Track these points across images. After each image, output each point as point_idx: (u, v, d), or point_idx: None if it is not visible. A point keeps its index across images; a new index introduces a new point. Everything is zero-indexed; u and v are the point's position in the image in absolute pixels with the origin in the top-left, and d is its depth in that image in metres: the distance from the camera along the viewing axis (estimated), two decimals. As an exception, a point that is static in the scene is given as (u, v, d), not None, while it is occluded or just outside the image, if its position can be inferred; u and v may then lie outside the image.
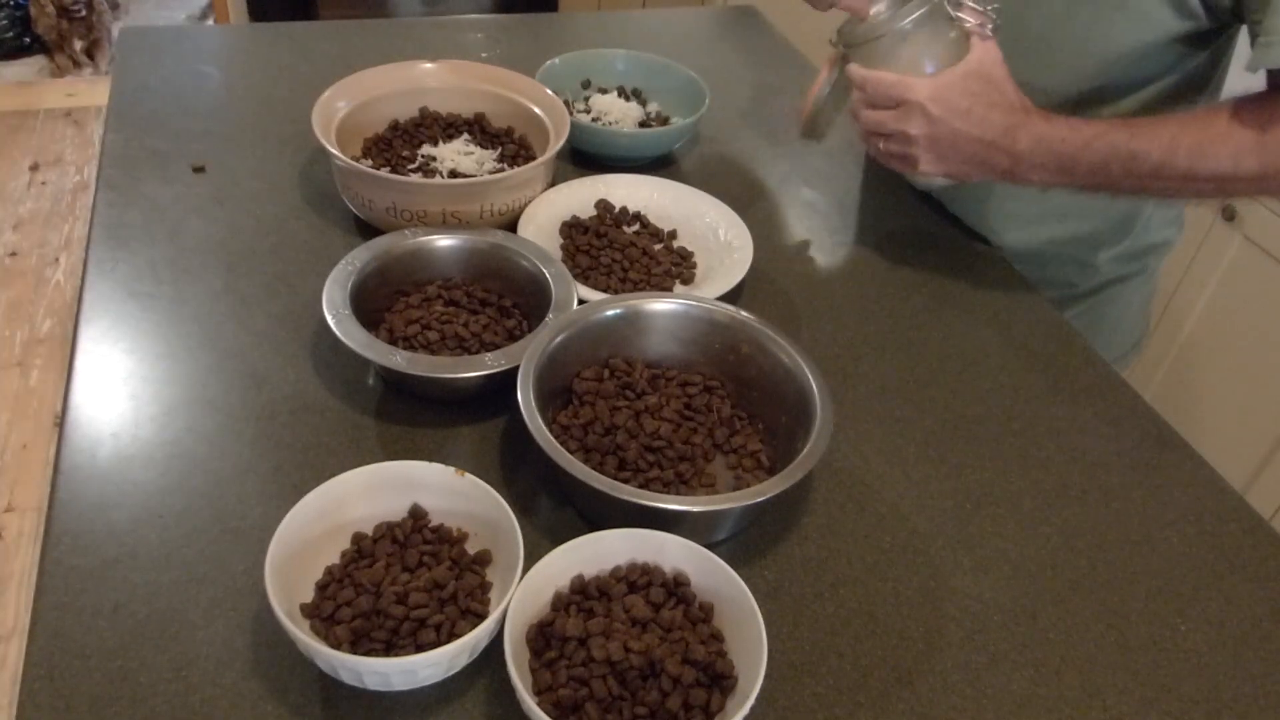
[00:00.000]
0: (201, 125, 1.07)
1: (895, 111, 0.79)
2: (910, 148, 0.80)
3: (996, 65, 0.78)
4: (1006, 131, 0.78)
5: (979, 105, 0.77)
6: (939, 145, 0.79)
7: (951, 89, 0.77)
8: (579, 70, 1.16)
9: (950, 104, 0.77)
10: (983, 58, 0.78)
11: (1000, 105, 0.78)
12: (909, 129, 0.79)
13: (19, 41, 3.12)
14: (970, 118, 0.77)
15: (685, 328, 0.78)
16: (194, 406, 0.74)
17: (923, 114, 0.78)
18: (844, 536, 0.70)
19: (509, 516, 0.60)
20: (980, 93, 0.77)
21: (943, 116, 0.77)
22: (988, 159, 0.79)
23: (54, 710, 0.54)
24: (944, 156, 0.80)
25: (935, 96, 0.77)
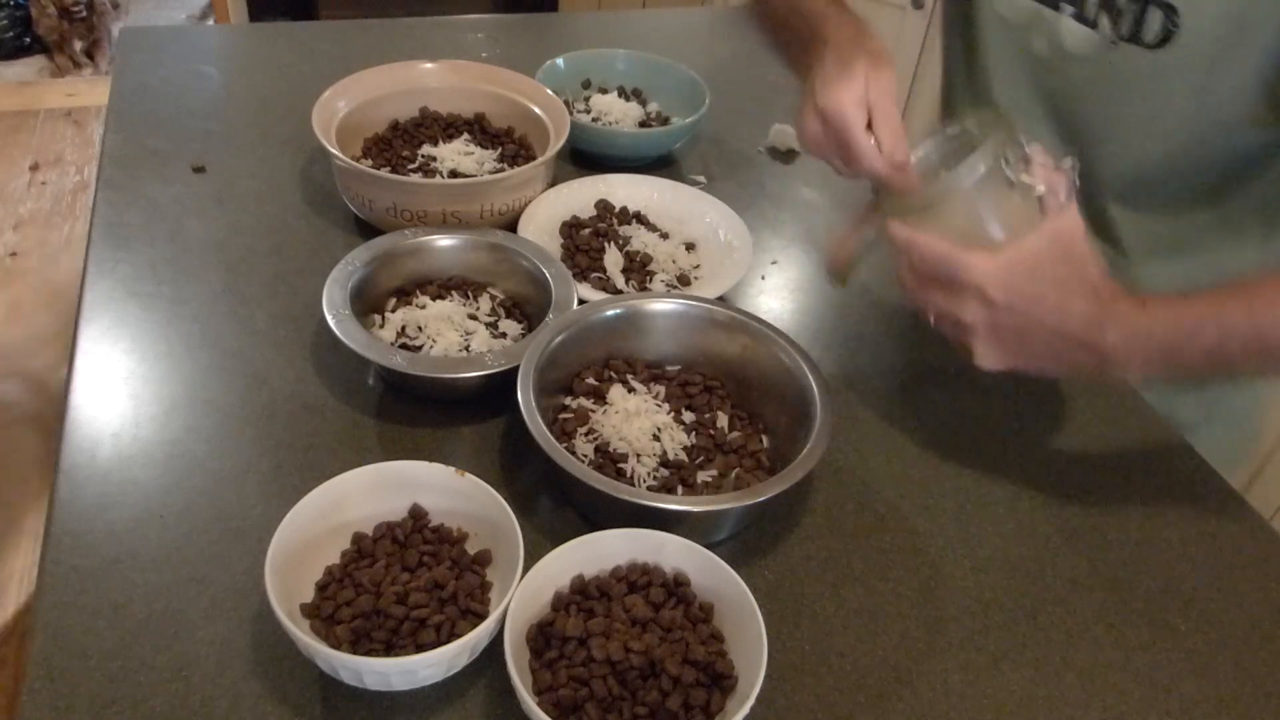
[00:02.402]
0: (201, 125, 1.07)
1: (947, 290, 0.64)
2: (965, 335, 0.65)
3: (1076, 239, 0.64)
4: (1091, 323, 0.63)
5: (1054, 290, 0.62)
6: (1002, 337, 0.64)
7: (1018, 269, 0.62)
8: (579, 70, 1.16)
9: (1016, 288, 0.62)
10: (1060, 230, 0.63)
11: (1080, 290, 0.63)
12: (963, 315, 0.64)
13: (19, 41, 3.12)
14: (1043, 305, 0.62)
15: (685, 328, 0.78)
16: (194, 406, 0.74)
17: (981, 299, 0.62)
18: (844, 536, 0.70)
19: (509, 516, 0.60)
20: (1055, 275, 0.63)
21: (1007, 303, 0.62)
22: (1067, 355, 0.65)
23: (54, 710, 0.54)
24: (1009, 349, 0.65)
25: (997, 278, 0.62)
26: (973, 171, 0.63)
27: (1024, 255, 0.63)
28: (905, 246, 0.65)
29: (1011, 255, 0.62)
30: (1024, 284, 0.62)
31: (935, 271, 0.64)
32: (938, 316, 0.66)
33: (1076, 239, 0.64)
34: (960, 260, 0.62)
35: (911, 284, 0.67)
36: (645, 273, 0.89)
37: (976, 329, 0.64)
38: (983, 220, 0.65)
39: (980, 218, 0.65)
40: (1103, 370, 0.65)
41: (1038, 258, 0.63)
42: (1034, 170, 0.64)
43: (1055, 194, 0.64)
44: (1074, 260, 0.63)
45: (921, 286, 0.66)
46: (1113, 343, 0.63)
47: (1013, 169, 0.64)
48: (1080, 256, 0.64)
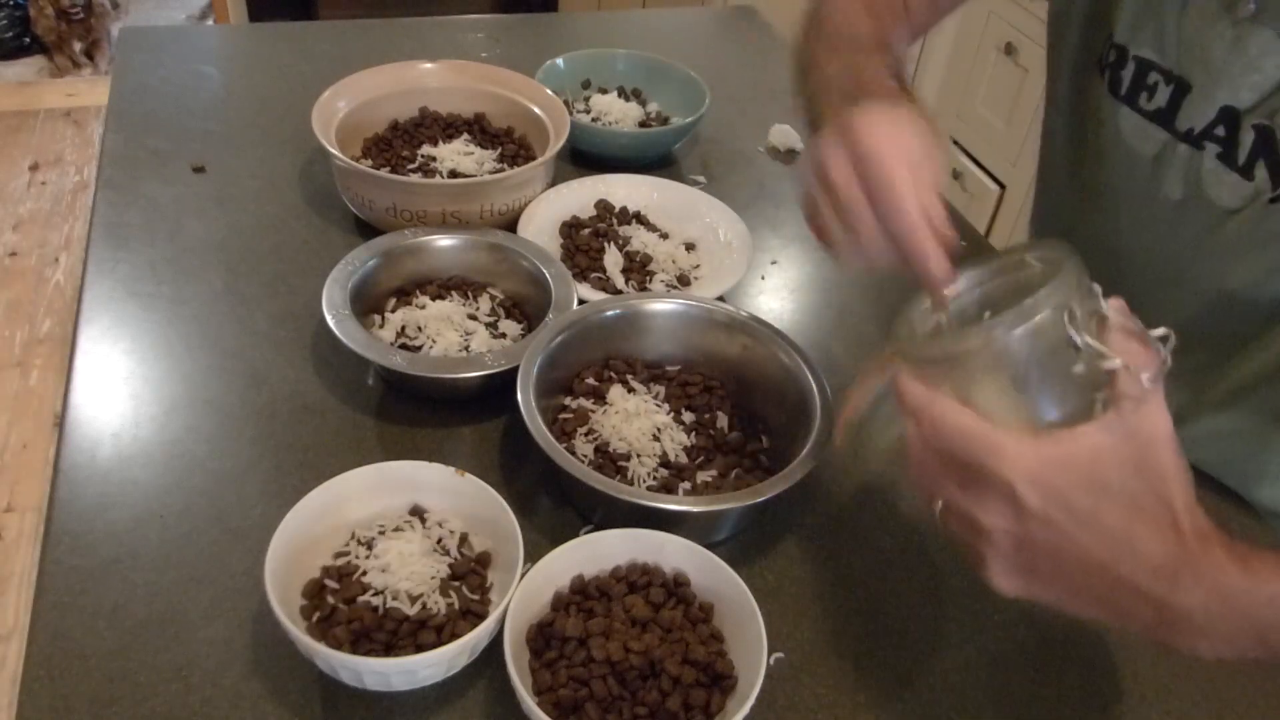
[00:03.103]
0: (201, 125, 1.07)
1: (965, 479, 0.46)
2: (980, 542, 0.47)
3: (1158, 443, 0.44)
4: (1162, 570, 0.45)
5: (1115, 509, 0.44)
6: (1029, 557, 0.46)
7: (1068, 468, 0.44)
8: (579, 70, 1.16)
9: (1060, 494, 0.44)
10: (1136, 426, 0.44)
11: (1154, 519, 0.45)
12: (981, 515, 0.46)
13: (19, 42, 3.12)
14: (1099, 531, 0.44)
15: (685, 328, 0.78)
16: (194, 406, 0.74)
17: (1009, 499, 0.44)
18: (844, 536, 0.70)
19: (509, 516, 0.60)
20: (1121, 488, 0.44)
21: (1044, 513, 0.44)
22: (1117, 603, 0.46)
23: (54, 710, 0.54)
24: (1036, 576, 0.47)
25: (1036, 475, 0.44)
26: (1023, 320, 0.45)
27: (1079, 451, 0.44)
28: (916, 410, 0.48)
29: (1061, 448, 0.44)
30: (1072, 491, 0.44)
31: (952, 449, 0.46)
32: (948, 509, 0.48)
33: (1158, 442, 0.44)
34: (988, 441, 0.45)
35: (920, 460, 0.48)
36: (645, 273, 0.89)
37: (996, 538, 0.46)
38: (1028, 391, 0.46)
39: (1025, 387, 0.46)
40: (1165, 633, 0.47)
41: (1098, 458, 0.44)
42: (1109, 335, 0.46)
43: (1135, 373, 0.44)
44: (1151, 472, 0.44)
45: (932, 466, 0.48)
46: (1189, 604, 0.45)
47: (1080, 327, 0.45)
48: (1160, 469, 0.45)
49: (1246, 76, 0.62)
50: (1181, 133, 0.67)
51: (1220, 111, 0.64)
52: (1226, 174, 0.64)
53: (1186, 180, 0.67)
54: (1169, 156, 0.68)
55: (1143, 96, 0.69)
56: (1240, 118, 0.63)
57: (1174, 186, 0.68)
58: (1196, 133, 0.66)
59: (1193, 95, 0.65)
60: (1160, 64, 0.67)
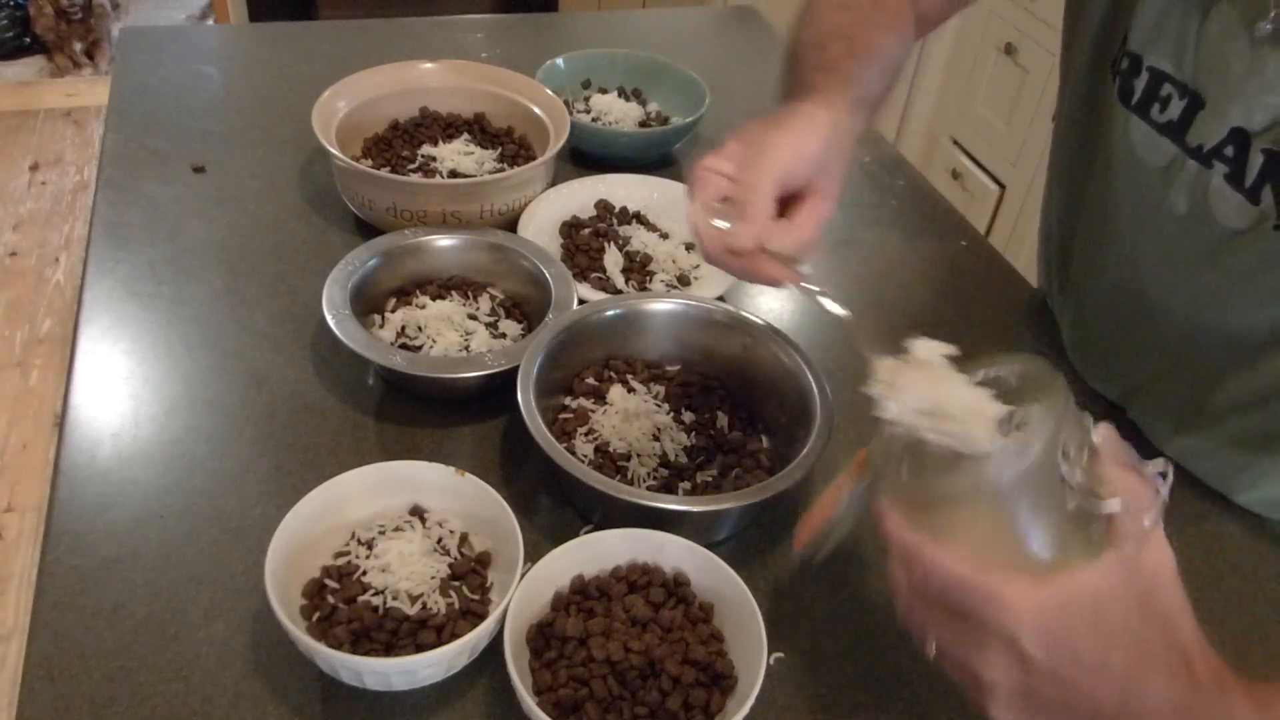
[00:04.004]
0: (201, 125, 1.07)
1: (963, 627, 0.43)
2: (981, 694, 0.44)
3: (1162, 582, 0.43)
4: (1179, 715, 0.42)
5: (1126, 657, 0.42)
6: (1035, 705, 0.43)
7: (1071, 615, 0.41)
8: (579, 70, 1.16)
9: (1065, 643, 0.41)
10: (1139, 565, 0.42)
11: (1164, 662, 0.42)
12: (983, 668, 0.43)
13: (19, 41, 3.12)
14: (1105, 676, 0.42)
15: (685, 328, 0.78)
16: (194, 406, 0.74)
17: (1012, 651, 0.42)
18: (896, 609, 0.70)
19: (509, 516, 0.60)
20: (1127, 631, 0.42)
21: (1050, 665, 0.41)
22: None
23: (54, 710, 0.54)
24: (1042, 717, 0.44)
25: (1039, 625, 0.41)
26: (1017, 458, 0.42)
27: (1081, 595, 0.41)
28: (906, 557, 0.45)
29: (1063, 593, 0.41)
30: (1077, 639, 0.41)
31: (948, 599, 0.43)
32: (943, 654, 0.45)
33: (1162, 582, 0.43)
34: (987, 591, 0.41)
35: (911, 606, 0.46)
36: (645, 273, 0.89)
37: (997, 689, 0.43)
38: (1021, 528, 0.43)
39: (1017, 524, 0.43)
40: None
41: (1101, 603, 0.41)
42: (1102, 468, 0.43)
43: (1134, 512, 0.42)
44: (1157, 614, 0.42)
45: (923, 610, 0.45)
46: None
47: (1075, 463, 0.42)
48: (1167, 610, 0.43)
49: (1260, 98, 0.60)
50: (1191, 148, 0.65)
51: (1231, 131, 0.62)
52: (1233, 194, 0.63)
53: (1193, 196, 0.66)
54: (1177, 170, 0.67)
55: (1155, 108, 0.68)
56: (1251, 140, 0.61)
57: (1180, 201, 0.67)
58: (1206, 150, 0.64)
59: (1205, 112, 0.64)
60: (1176, 76, 0.66)
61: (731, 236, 0.56)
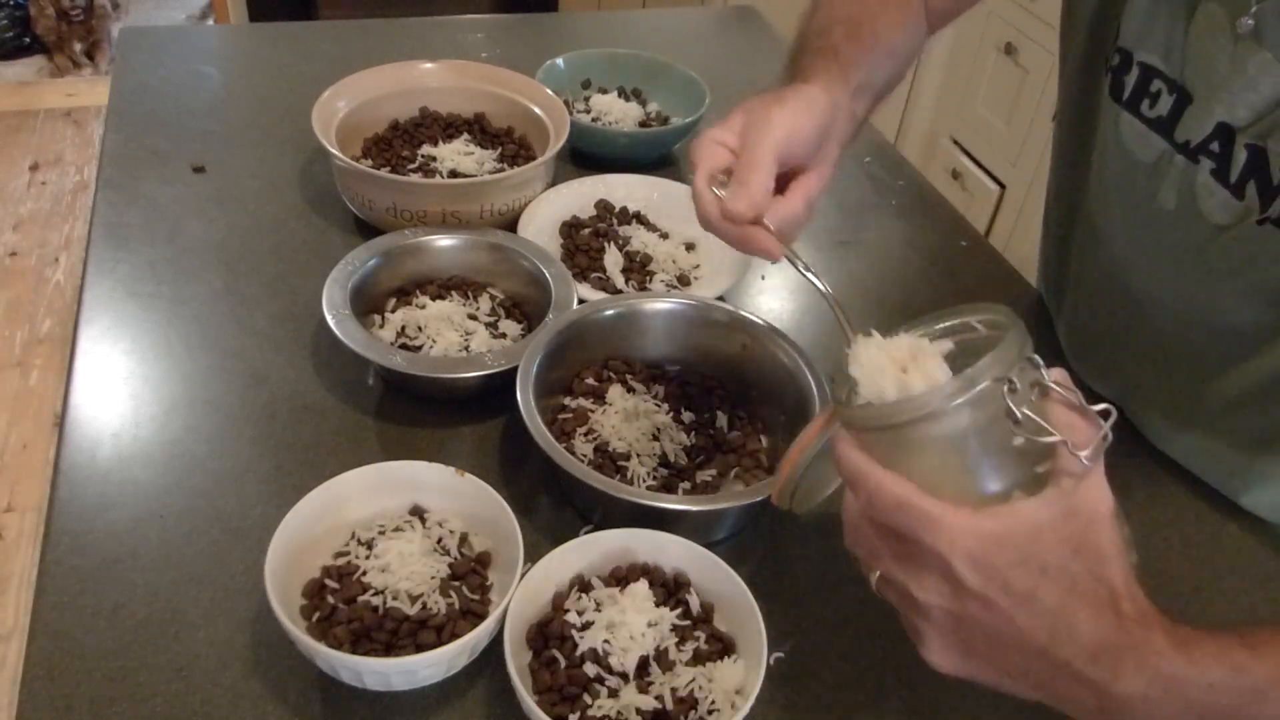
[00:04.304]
0: (201, 125, 1.07)
1: (901, 550, 0.45)
2: (915, 616, 0.46)
3: (1098, 522, 0.43)
4: (1101, 654, 0.43)
5: (1052, 589, 0.42)
6: (965, 634, 0.45)
7: (1005, 545, 0.42)
8: (579, 70, 1.16)
9: (997, 572, 0.42)
10: (1077, 504, 0.43)
11: (1093, 600, 0.43)
12: (918, 591, 0.44)
13: (19, 42, 3.12)
14: (1036, 612, 0.43)
15: (685, 328, 0.78)
16: (194, 406, 0.74)
17: (945, 574, 0.43)
18: (844, 536, 0.70)
19: (509, 516, 0.60)
20: (1059, 567, 0.43)
21: (980, 590, 0.43)
22: (1056, 686, 0.44)
23: (54, 710, 0.54)
24: (971, 654, 0.46)
25: (972, 551, 0.42)
26: (964, 389, 0.43)
27: (1017, 528, 0.42)
28: (853, 479, 0.46)
29: (1000, 524, 0.42)
30: (1009, 569, 0.42)
31: (890, 521, 0.44)
32: (884, 581, 0.47)
33: (1098, 521, 0.43)
34: (926, 515, 0.43)
35: (858, 533, 0.47)
36: (645, 273, 0.89)
37: (931, 613, 0.44)
38: (967, 461, 0.45)
39: (964, 457, 0.45)
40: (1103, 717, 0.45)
41: (1037, 536, 0.42)
42: (1051, 407, 0.44)
43: (1075, 449, 0.43)
44: (1090, 552, 0.43)
45: (869, 537, 0.47)
46: (1130, 692, 0.43)
47: (1020, 400, 0.42)
48: (1100, 549, 0.43)
49: (1244, 94, 0.61)
50: (1179, 144, 0.66)
51: (1216, 127, 0.63)
52: (1219, 189, 0.64)
53: (1181, 192, 0.67)
54: (1166, 166, 0.68)
55: (1145, 103, 0.69)
56: (1235, 135, 0.62)
57: (1169, 196, 0.68)
58: (1193, 145, 0.65)
59: (1193, 107, 0.65)
60: (1165, 72, 0.67)
61: (730, 204, 0.58)
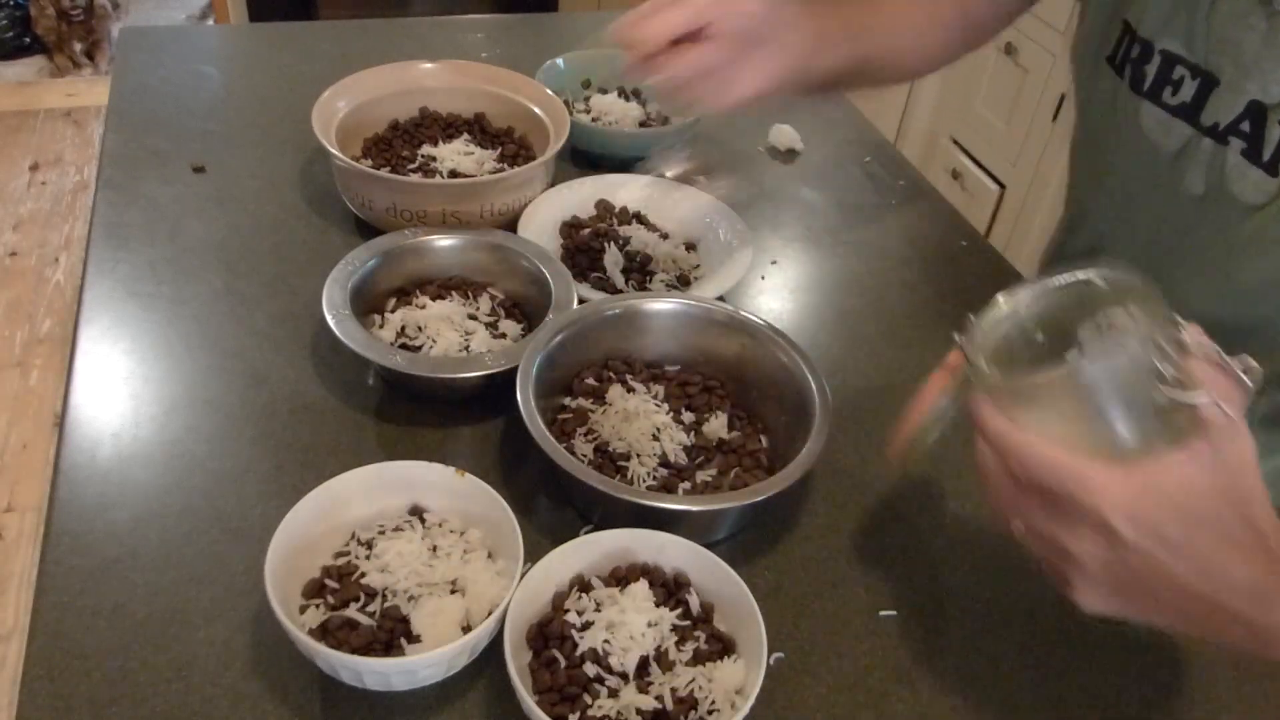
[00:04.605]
0: (201, 125, 1.07)
1: (1054, 510, 0.47)
2: (1070, 569, 0.48)
3: (1244, 471, 0.45)
4: (1257, 595, 0.46)
5: (1206, 537, 0.45)
6: (1122, 583, 0.47)
7: (1158, 498, 0.45)
8: (579, 70, 1.16)
9: (1153, 524, 0.45)
10: (1223, 455, 0.45)
11: (1245, 545, 0.45)
12: (1072, 545, 0.46)
13: (19, 41, 3.12)
14: (1187, 556, 0.45)
15: (685, 328, 0.78)
16: (194, 406, 0.74)
17: (1102, 530, 0.45)
18: (844, 536, 0.70)
19: (509, 516, 0.60)
20: (1211, 516, 0.45)
21: (1137, 542, 0.45)
22: (1212, 625, 0.48)
23: (54, 710, 0.54)
24: (1128, 599, 0.48)
25: (1128, 506, 0.44)
26: (1110, 355, 0.45)
27: (1168, 480, 0.45)
28: (1001, 445, 0.48)
29: (1150, 477, 0.45)
30: (1164, 521, 0.45)
31: (1041, 483, 0.46)
32: (1035, 537, 0.49)
33: (1243, 468, 0.45)
34: (1078, 474, 0.45)
35: (1001, 490, 0.49)
36: (645, 273, 0.89)
37: (1087, 566, 0.46)
38: (1111, 420, 0.46)
39: (1107, 416, 0.46)
40: (1262, 650, 0.48)
41: (1187, 487, 0.45)
42: (1191, 363, 0.46)
43: (1219, 404, 0.45)
44: (1239, 500, 0.45)
45: (1018, 497, 0.48)
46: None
47: (1166, 361, 0.45)
48: (1247, 494, 0.45)
49: (1277, 71, 0.61)
50: (1206, 127, 0.66)
51: (1248, 106, 0.63)
52: (1251, 170, 0.64)
53: (1209, 176, 0.67)
54: (1192, 152, 0.68)
55: (1166, 91, 0.69)
56: (1268, 113, 0.63)
57: (1196, 182, 0.68)
58: (1222, 128, 0.65)
59: (1220, 89, 0.65)
60: (1188, 58, 0.67)
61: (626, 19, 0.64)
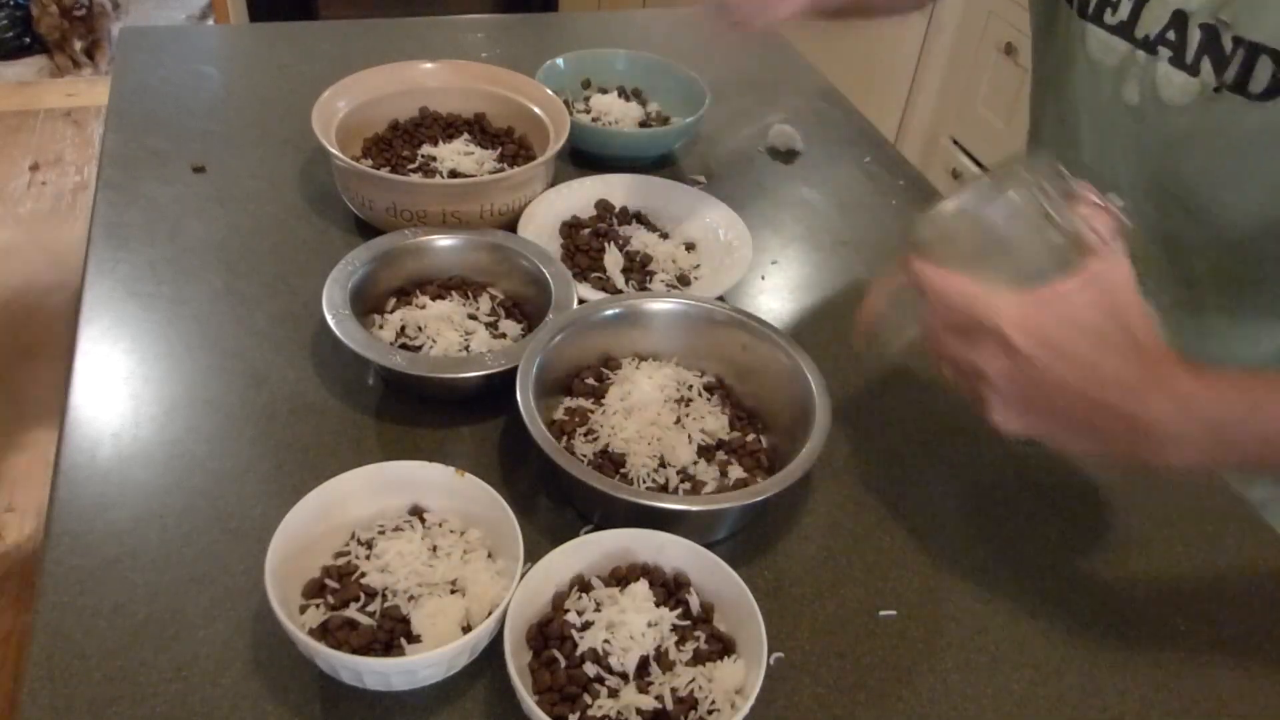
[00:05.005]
0: (201, 125, 1.07)
1: (966, 335, 0.55)
2: (981, 387, 0.55)
3: (1120, 286, 0.54)
4: (1130, 389, 0.53)
5: (1087, 343, 0.53)
6: (1022, 392, 0.54)
7: (1046, 312, 0.53)
8: (579, 70, 1.16)
9: (1041, 334, 0.53)
10: (1100, 273, 0.54)
11: (1121, 347, 0.53)
12: (980, 361, 0.54)
13: (19, 41, 3.12)
14: (1072, 360, 0.53)
15: (685, 328, 0.78)
16: (194, 406, 0.74)
17: (1001, 344, 0.53)
18: (844, 536, 0.70)
19: (509, 516, 0.60)
20: (1091, 325, 0.53)
21: (1029, 352, 0.53)
22: (1097, 424, 0.55)
23: (54, 710, 0.54)
24: (1030, 409, 0.55)
25: (1020, 320, 0.53)
26: (1008, 204, 0.56)
27: (1054, 298, 0.53)
28: (922, 282, 0.56)
29: (1040, 296, 0.53)
30: (1051, 331, 0.53)
31: (953, 311, 0.55)
32: (956, 367, 0.56)
33: (1120, 285, 0.54)
34: (983, 300, 0.54)
35: (932, 332, 0.57)
36: (645, 273, 0.89)
37: (993, 380, 0.54)
38: (1015, 260, 0.56)
39: (1013, 257, 0.56)
40: (1139, 448, 0.54)
41: (1071, 302, 0.53)
42: (1077, 208, 0.56)
43: (1100, 234, 0.54)
44: (1116, 310, 0.53)
45: (943, 335, 0.56)
46: (1156, 415, 0.53)
47: (1052, 204, 0.55)
48: (1124, 306, 0.53)
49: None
50: (1139, 40, 0.73)
51: (1173, 15, 0.71)
52: (1177, 74, 0.71)
53: (1143, 86, 0.74)
54: (1129, 66, 0.75)
55: (1107, 12, 0.76)
56: (1188, 19, 0.70)
57: (1132, 93, 0.75)
58: (1152, 38, 0.72)
59: (1151, 3, 0.72)
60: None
61: None
